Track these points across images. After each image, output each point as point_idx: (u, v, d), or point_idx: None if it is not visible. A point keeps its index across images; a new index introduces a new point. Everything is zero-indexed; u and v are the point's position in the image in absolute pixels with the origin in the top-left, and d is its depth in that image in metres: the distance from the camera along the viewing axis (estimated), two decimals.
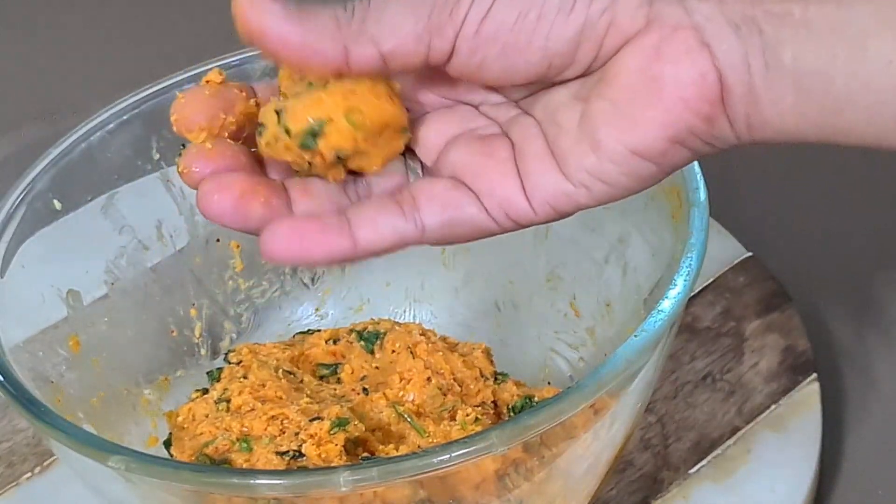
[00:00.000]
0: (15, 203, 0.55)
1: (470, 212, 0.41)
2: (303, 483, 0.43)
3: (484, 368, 0.59)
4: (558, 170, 0.41)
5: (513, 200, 0.41)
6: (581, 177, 0.40)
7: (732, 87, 0.38)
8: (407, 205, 0.41)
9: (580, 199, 0.41)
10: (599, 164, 0.40)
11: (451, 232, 0.42)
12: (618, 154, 0.40)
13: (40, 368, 0.53)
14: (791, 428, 0.62)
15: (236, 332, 0.65)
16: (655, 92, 0.39)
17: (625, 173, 0.40)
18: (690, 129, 0.39)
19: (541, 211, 0.41)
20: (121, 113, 0.59)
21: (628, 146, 0.39)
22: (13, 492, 0.61)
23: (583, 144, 0.40)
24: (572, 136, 0.41)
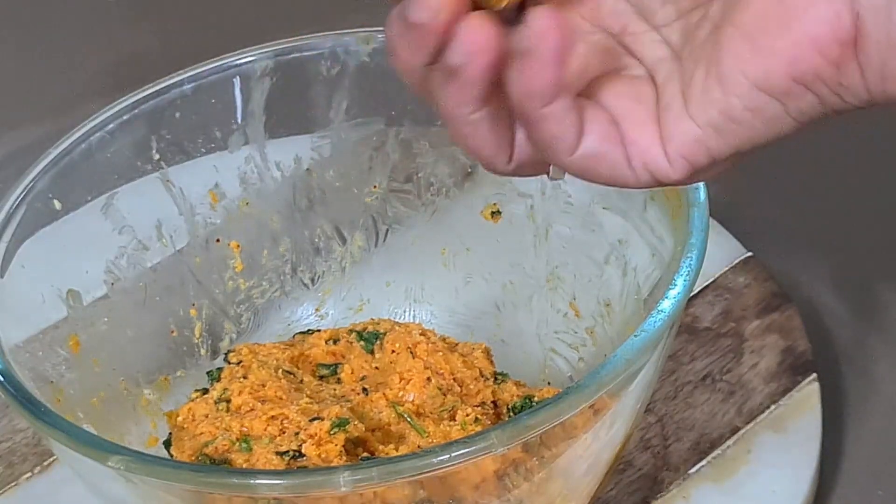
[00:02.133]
0: (15, 203, 0.55)
1: (618, 154, 0.39)
2: (303, 483, 0.43)
3: (484, 368, 0.59)
4: (687, 113, 0.39)
5: (654, 155, 0.39)
6: (708, 115, 0.38)
7: (869, 32, 0.36)
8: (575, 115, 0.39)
9: (710, 143, 0.38)
10: (724, 99, 0.38)
11: (593, 166, 0.40)
12: (740, 86, 0.37)
13: (40, 368, 0.53)
14: (791, 428, 0.62)
15: (236, 332, 0.65)
16: (785, 24, 0.37)
17: (750, 109, 0.38)
18: (817, 70, 0.37)
19: (677, 165, 0.39)
20: (121, 113, 0.59)
21: (750, 77, 0.37)
22: (13, 492, 0.61)
23: (710, 79, 0.38)
24: (703, 70, 0.38)
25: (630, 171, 0.40)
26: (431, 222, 0.66)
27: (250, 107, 0.63)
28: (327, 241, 0.67)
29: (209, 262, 0.64)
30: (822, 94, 0.37)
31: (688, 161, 0.39)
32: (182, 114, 0.61)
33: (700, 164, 0.39)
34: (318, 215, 0.66)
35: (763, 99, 0.37)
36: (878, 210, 0.76)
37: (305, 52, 0.62)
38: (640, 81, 0.40)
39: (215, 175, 0.63)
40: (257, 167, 0.64)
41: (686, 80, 0.39)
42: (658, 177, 0.39)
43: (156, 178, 0.62)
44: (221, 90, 0.62)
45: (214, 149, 0.63)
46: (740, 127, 0.38)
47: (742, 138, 0.38)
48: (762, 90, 0.37)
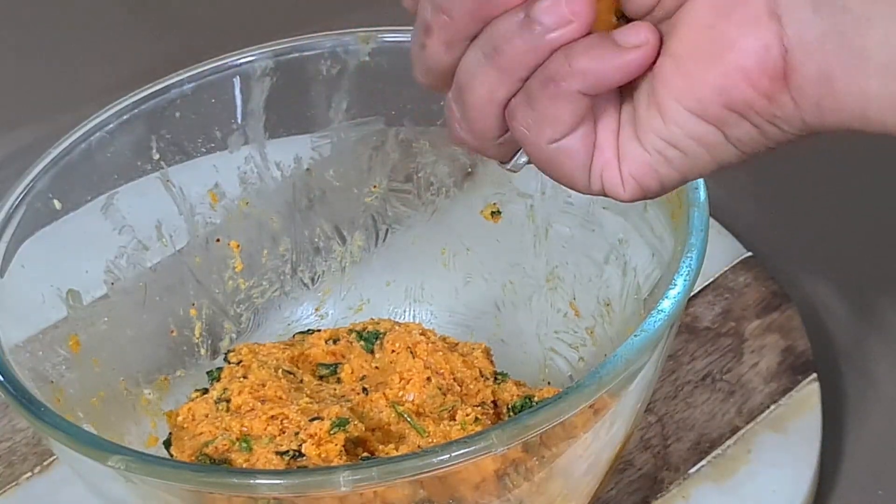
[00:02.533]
0: (15, 203, 0.55)
1: (584, 157, 0.40)
2: (303, 483, 0.43)
3: (484, 368, 0.59)
4: (636, 138, 0.39)
5: (611, 165, 0.39)
6: (653, 143, 0.38)
7: (800, 66, 0.36)
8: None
9: (659, 168, 0.39)
10: (665, 127, 0.38)
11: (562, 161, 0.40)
12: (677, 114, 0.38)
13: (40, 368, 0.53)
14: (791, 428, 0.62)
15: (236, 332, 0.65)
16: (716, 53, 0.37)
17: (691, 137, 0.38)
18: (748, 101, 0.37)
19: (627, 185, 0.39)
20: (121, 113, 0.59)
21: (684, 105, 0.37)
22: (13, 492, 0.61)
23: (651, 107, 0.38)
24: (644, 98, 0.39)
25: (586, 177, 0.40)
26: (431, 222, 0.66)
27: (250, 106, 0.63)
28: (327, 241, 0.67)
29: (209, 262, 0.64)
30: (757, 123, 0.37)
31: (638, 183, 0.39)
32: (182, 114, 0.61)
33: (650, 187, 0.39)
34: (318, 215, 0.66)
35: (701, 126, 0.38)
36: (878, 210, 0.76)
37: (305, 52, 0.62)
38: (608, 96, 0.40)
39: (215, 175, 0.63)
40: (257, 167, 0.64)
41: (635, 105, 0.39)
42: (608, 190, 0.40)
43: (156, 178, 0.62)
44: (221, 90, 0.62)
45: (214, 149, 0.63)
46: (685, 155, 0.38)
47: (688, 166, 0.39)
48: (698, 117, 0.37)
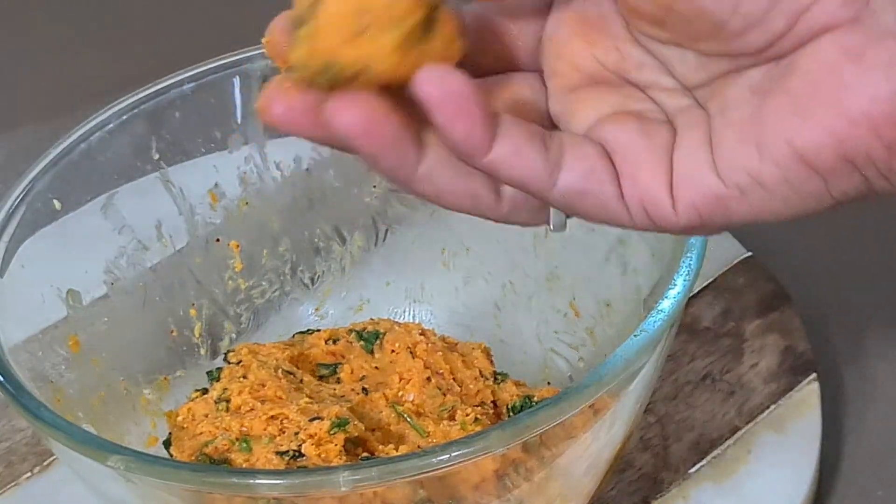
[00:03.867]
0: (15, 203, 0.55)
1: (607, 191, 0.37)
2: (303, 483, 0.43)
3: (484, 368, 0.59)
4: (713, 167, 0.36)
5: (655, 194, 0.36)
6: (738, 177, 0.36)
7: None
8: (553, 150, 0.37)
9: (731, 203, 0.36)
10: (760, 164, 0.35)
11: (578, 203, 0.37)
12: (783, 154, 0.35)
13: (40, 368, 0.53)
14: (791, 428, 0.62)
15: (236, 332, 0.65)
16: (841, 97, 0.34)
17: (787, 181, 0.35)
18: (868, 151, 0.34)
19: (683, 214, 0.36)
20: (120, 113, 0.59)
21: (796, 147, 0.34)
22: (13, 492, 0.61)
23: (747, 141, 0.35)
24: (738, 130, 0.36)
25: (623, 211, 0.37)
26: (431, 222, 0.66)
27: (250, 106, 0.63)
28: (327, 241, 0.67)
29: (209, 262, 0.64)
30: (869, 176, 0.35)
31: (699, 213, 0.37)
32: (182, 114, 0.61)
33: (712, 220, 0.37)
34: (318, 215, 0.66)
35: (804, 172, 0.35)
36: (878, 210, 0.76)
37: None
38: (654, 121, 0.38)
39: (215, 175, 0.63)
40: (257, 167, 0.64)
41: (716, 134, 0.36)
42: (657, 220, 0.37)
43: (155, 178, 0.62)
44: (221, 90, 0.62)
45: (214, 149, 0.63)
46: (770, 196, 0.36)
47: (768, 208, 0.36)
48: (805, 162, 0.35)
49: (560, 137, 0.37)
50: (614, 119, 0.38)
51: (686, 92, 0.38)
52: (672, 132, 0.37)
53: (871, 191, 0.35)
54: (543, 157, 0.37)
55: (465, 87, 0.35)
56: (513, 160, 0.36)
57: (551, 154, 0.37)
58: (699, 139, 0.37)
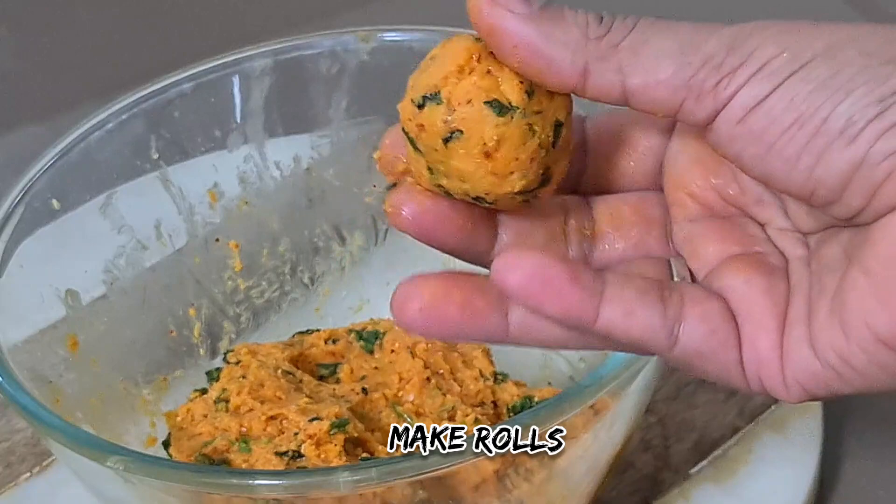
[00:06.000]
0: (13, 202, 0.55)
1: (729, 357, 0.35)
2: (302, 483, 0.43)
3: (484, 368, 0.59)
4: (810, 343, 0.34)
5: (770, 367, 0.35)
6: (829, 358, 0.34)
7: None
8: (672, 307, 0.35)
9: (832, 383, 0.34)
10: (847, 347, 0.34)
11: (697, 363, 0.35)
12: (863, 337, 0.33)
13: (39, 368, 0.53)
14: (792, 428, 0.61)
15: (235, 332, 0.65)
16: None
17: (874, 363, 0.33)
18: None
19: (793, 390, 0.35)
20: (119, 112, 0.59)
21: (874, 330, 0.33)
22: (12, 492, 0.61)
23: (833, 320, 0.34)
24: (828, 305, 0.34)
25: (741, 377, 0.35)
26: None
27: (249, 106, 0.62)
28: (327, 241, 0.67)
29: (208, 262, 0.64)
30: None
31: (805, 390, 0.35)
32: (181, 113, 0.61)
33: (818, 395, 0.35)
34: (318, 215, 0.66)
35: (889, 356, 0.33)
36: None
37: (305, 51, 0.62)
38: (776, 275, 0.36)
39: (214, 174, 0.63)
40: (257, 166, 0.64)
41: (813, 304, 0.35)
42: (771, 391, 0.35)
43: (155, 178, 0.62)
44: (221, 89, 0.62)
45: (214, 148, 0.63)
46: (862, 377, 0.34)
47: (866, 386, 0.34)
48: (888, 347, 0.33)
49: (680, 291, 0.36)
50: (738, 268, 0.36)
51: (800, 236, 0.37)
52: (788, 289, 0.36)
53: None
54: (660, 315, 0.35)
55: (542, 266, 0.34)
56: (625, 322, 0.35)
57: (669, 311, 0.35)
58: (801, 308, 0.35)
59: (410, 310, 0.35)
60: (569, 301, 0.34)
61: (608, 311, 0.34)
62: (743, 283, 0.36)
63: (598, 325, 0.34)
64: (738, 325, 0.35)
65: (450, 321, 0.35)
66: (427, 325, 0.35)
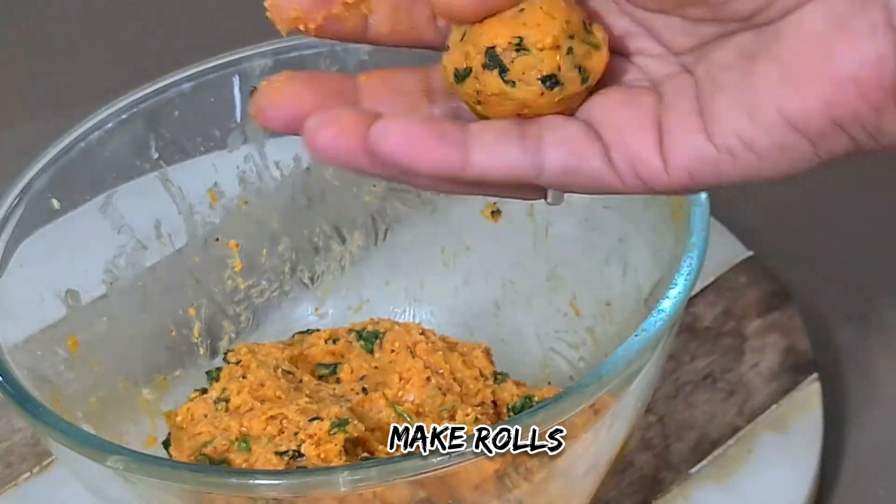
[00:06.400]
0: (13, 202, 0.55)
1: (595, 164, 0.38)
2: (302, 483, 0.43)
3: (484, 368, 0.59)
4: (704, 131, 0.37)
5: (645, 158, 0.38)
6: (729, 142, 0.37)
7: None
8: (531, 140, 0.38)
9: (723, 166, 0.37)
10: (752, 130, 0.36)
11: (569, 181, 0.39)
12: (773, 121, 0.36)
13: (39, 368, 0.53)
14: (792, 428, 0.61)
15: (235, 332, 0.65)
16: (829, 64, 0.35)
17: (777, 146, 0.36)
18: (856, 114, 0.35)
19: (675, 175, 0.38)
20: (119, 112, 0.59)
21: (785, 115, 0.36)
22: (11, 492, 0.61)
23: (738, 108, 0.37)
24: (729, 96, 0.37)
25: (615, 178, 0.38)
26: (431, 221, 0.66)
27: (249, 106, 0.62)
28: (327, 241, 0.67)
29: (208, 262, 0.64)
30: (857, 138, 0.36)
31: (691, 175, 0.38)
32: (181, 113, 0.61)
33: (704, 181, 0.38)
34: (318, 214, 0.66)
35: (794, 138, 0.36)
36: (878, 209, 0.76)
37: (304, 51, 0.62)
38: (638, 89, 0.39)
39: (214, 174, 0.63)
40: (256, 166, 0.64)
41: (706, 99, 0.38)
42: (648, 183, 0.38)
43: (155, 178, 0.62)
44: (220, 89, 0.62)
45: (213, 148, 0.63)
46: (760, 159, 0.37)
47: (758, 170, 0.37)
48: (796, 129, 0.36)
49: (538, 123, 0.39)
50: (596, 93, 0.39)
51: (672, 57, 0.39)
52: (657, 98, 0.39)
53: (859, 150, 0.37)
54: (522, 149, 0.38)
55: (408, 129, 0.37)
56: (492, 162, 0.38)
57: (529, 143, 0.38)
58: (688, 103, 0.38)
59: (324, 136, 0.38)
60: (438, 155, 0.37)
61: (475, 157, 0.37)
62: (602, 103, 0.39)
63: (468, 172, 0.37)
64: (601, 137, 0.38)
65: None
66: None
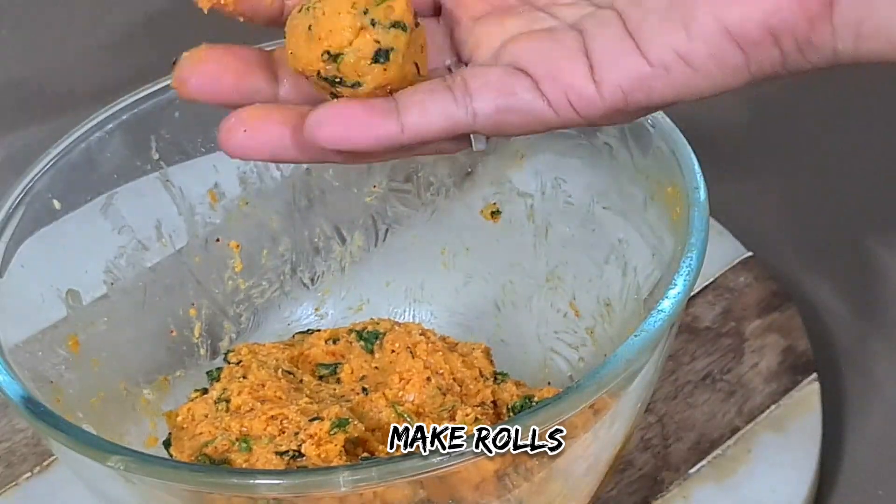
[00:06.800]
0: (14, 203, 0.55)
1: (525, 98, 0.39)
2: (302, 483, 0.43)
3: (484, 368, 0.59)
4: (637, 50, 0.38)
5: (577, 85, 0.38)
6: (664, 56, 0.37)
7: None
8: (459, 90, 0.39)
9: (655, 83, 0.38)
10: (688, 42, 0.37)
11: (504, 119, 0.39)
12: (711, 31, 0.37)
13: (40, 368, 0.53)
14: (791, 428, 0.62)
15: (236, 332, 0.65)
16: None
17: (713, 56, 0.37)
18: (791, 25, 0.36)
19: (609, 95, 0.38)
20: (120, 113, 0.59)
21: (725, 22, 0.36)
22: (12, 492, 0.61)
23: (673, 21, 0.37)
24: (660, 14, 0.38)
25: (548, 110, 0.39)
26: (431, 222, 0.66)
27: None
28: (327, 241, 0.67)
29: (209, 262, 0.64)
30: (787, 50, 0.37)
31: (624, 93, 0.38)
32: (181, 113, 0.61)
33: (636, 101, 0.38)
34: (318, 215, 0.66)
35: (730, 48, 0.37)
36: (878, 209, 0.76)
37: None
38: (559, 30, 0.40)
39: (215, 175, 0.63)
40: (257, 167, 0.64)
41: (634, 22, 0.38)
42: (581, 109, 0.39)
43: (155, 178, 0.62)
44: None
45: (214, 148, 0.63)
46: (694, 73, 0.37)
47: (691, 85, 0.38)
48: (732, 37, 0.37)
49: (462, 74, 0.40)
50: (519, 38, 0.40)
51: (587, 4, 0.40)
52: (580, 35, 0.39)
53: (786, 66, 0.37)
54: (451, 101, 0.39)
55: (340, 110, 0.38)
56: (426, 122, 0.39)
57: (458, 93, 0.39)
58: (615, 30, 0.38)
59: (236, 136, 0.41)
60: (374, 128, 0.38)
61: (408, 119, 0.38)
62: (525, 45, 0.40)
63: (406, 136, 0.39)
64: (530, 74, 0.39)
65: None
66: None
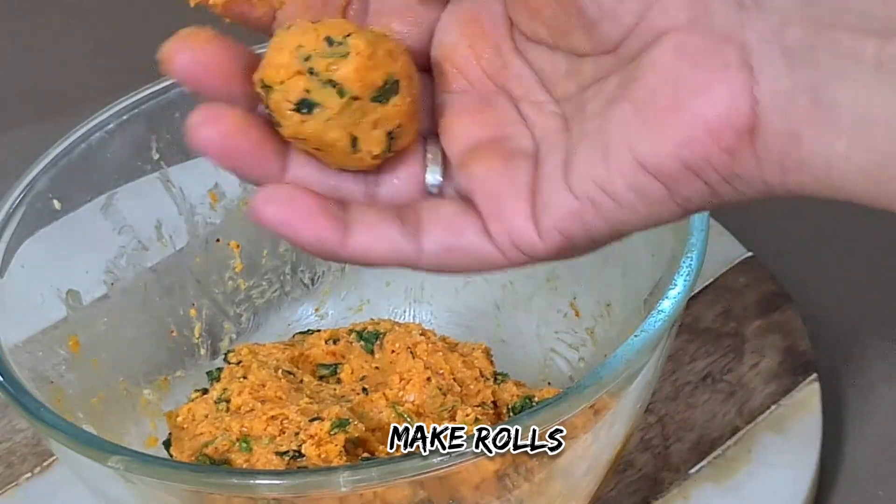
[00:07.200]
0: (14, 203, 0.55)
1: (472, 240, 0.38)
2: (303, 483, 0.43)
3: (484, 368, 0.59)
4: (566, 185, 0.36)
5: (519, 226, 0.37)
6: (586, 188, 0.36)
7: (768, 123, 0.33)
8: (410, 223, 0.38)
9: (586, 216, 0.36)
10: (607, 175, 0.35)
11: (449, 259, 0.38)
12: (626, 163, 0.35)
13: (40, 368, 0.53)
14: (791, 428, 0.62)
15: (236, 333, 0.65)
16: (679, 103, 0.34)
17: (633, 189, 0.35)
18: (708, 157, 0.34)
19: (549, 238, 0.37)
20: (120, 113, 0.59)
21: (636, 156, 0.34)
22: (12, 492, 0.61)
23: (594, 152, 0.36)
24: (588, 142, 0.36)
25: (495, 251, 0.38)
26: None
27: None
28: None
29: (209, 263, 0.64)
30: (712, 182, 0.34)
31: (561, 234, 0.37)
32: (182, 113, 0.61)
33: (575, 237, 0.37)
34: None
35: (647, 181, 0.35)
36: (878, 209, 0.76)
37: None
38: (518, 155, 0.38)
39: (215, 175, 0.63)
40: None
41: (570, 151, 0.37)
42: (526, 251, 0.37)
43: (155, 178, 0.62)
44: None
45: None
46: (619, 206, 0.36)
47: (620, 218, 0.36)
48: (647, 170, 0.35)
49: (415, 207, 0.39)
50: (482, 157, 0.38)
51: (556, 105, 0.39)
52: (534, 163, 0.38)
53: (717, 197, 0.35)
54: (400, 232, 0.38)
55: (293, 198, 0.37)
56: (369, 247, 0.38)
57: (408, 226, 0.38)
58: (557, 162, 0.37)
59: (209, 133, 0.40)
60: (319, 229, 0.37)
61: (353, 238, 0.38)
62: (483, 171, 0.38)
63: (346, 253, 0.38)
64: (478, 208, 0.38)
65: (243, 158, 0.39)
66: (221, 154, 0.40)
